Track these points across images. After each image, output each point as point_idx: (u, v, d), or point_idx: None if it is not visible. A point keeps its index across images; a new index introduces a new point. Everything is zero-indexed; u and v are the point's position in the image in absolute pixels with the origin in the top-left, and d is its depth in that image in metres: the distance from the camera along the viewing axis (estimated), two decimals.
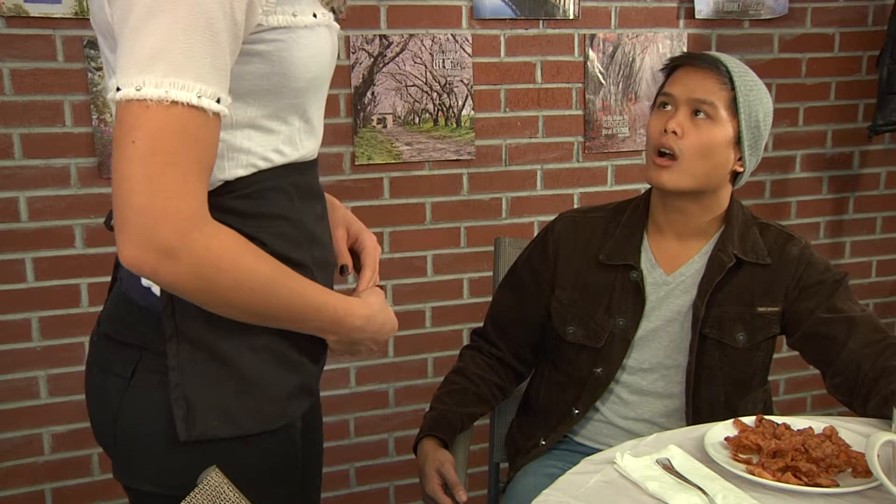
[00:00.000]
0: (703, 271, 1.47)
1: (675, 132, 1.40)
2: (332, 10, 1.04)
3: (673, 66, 1.49)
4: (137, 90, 0.80)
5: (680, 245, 1.50)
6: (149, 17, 0.80)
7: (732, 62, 1.43)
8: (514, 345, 1.61)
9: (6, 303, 2.03)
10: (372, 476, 2.45)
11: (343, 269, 1.17)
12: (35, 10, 1.92)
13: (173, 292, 0.88)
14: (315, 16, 0.94)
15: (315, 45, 0.94)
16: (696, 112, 1.41)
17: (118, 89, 0.81)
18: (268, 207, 0.96)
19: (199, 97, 0.82)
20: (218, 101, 0.84)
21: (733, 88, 1.41)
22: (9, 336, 2.05)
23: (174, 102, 0.80)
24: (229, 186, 0.93)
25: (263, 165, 0.95)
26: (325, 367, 1.06)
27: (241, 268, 0.88)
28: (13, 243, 2.01)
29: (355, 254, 1.20)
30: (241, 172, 0.94)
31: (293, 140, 0.98)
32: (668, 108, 1.44)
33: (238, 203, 0.93)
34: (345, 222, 1.20)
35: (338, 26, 1.04)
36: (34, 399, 2.09)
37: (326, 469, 2.46)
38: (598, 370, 1.50)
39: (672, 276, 1.49)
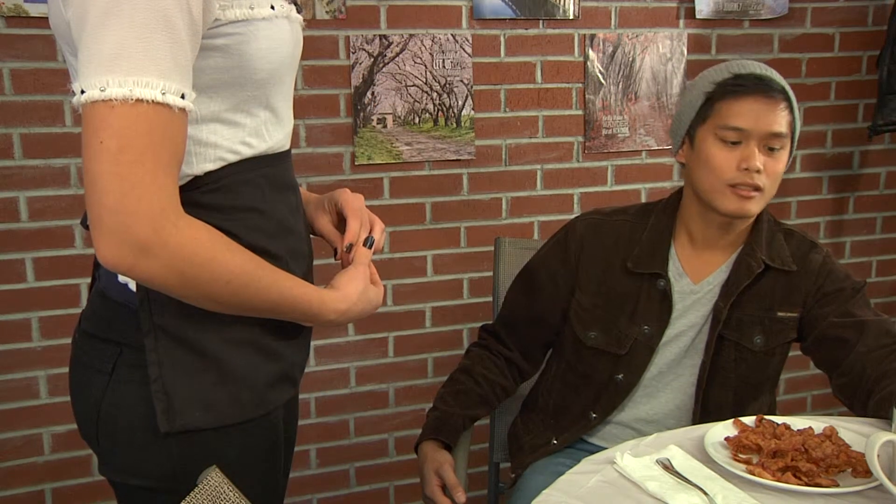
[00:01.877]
0: (729, 275, 1.46)
1: (758, 171, 1.37)
2: (294, 2, 1.04)
3: (738, 92, 1.39)
4: (101, 91, 0.81)
5: (709, 254, 1.49)
6: (106, 19, 0.81)
7: (782, 79, 1.41)
8: (524, 344, 1.60)
9: (6, 303, 2.03)
10: (372, 476, 2.45)
11: (349, 248, 1.15)
12: (35, 10, 1.92)
13: (151, 287, 0.89)
14: (273, 7, 0.95)
15: (274, 36, 0.95)
16: (770, 145, 1.39)
17: (82, 92, 0.82)
18: (239, 200, 0.97)
19: (164, 94, 0.83)
20: (182, 96, 0.85)
21: (792, 111, 1.40)
22: (9, 336, 2.05)
23: (139, 100, 0.81)
24: (198, 181, 0.94)
25: (232, 158, 0.96)
26: (325, 368, 1.06)
27: (216, 261, 0.89)
28: (13, 243, 2.01)
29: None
30: (210, 167, 0.95)
31: (260, 132, 0.99)
32: (739, 143, 1.39)
33: (208, 197, 0.94)
34: (321, 206, 1.19)
35: (299, 17, 1.05)
36: (34, 399, 2.09)
37: (326, 469, 2.47)
38: (620, 376, 1.49)
39: (699, 285, 1.48)
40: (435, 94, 2.27)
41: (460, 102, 2.30)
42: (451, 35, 2.26)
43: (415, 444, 1.51)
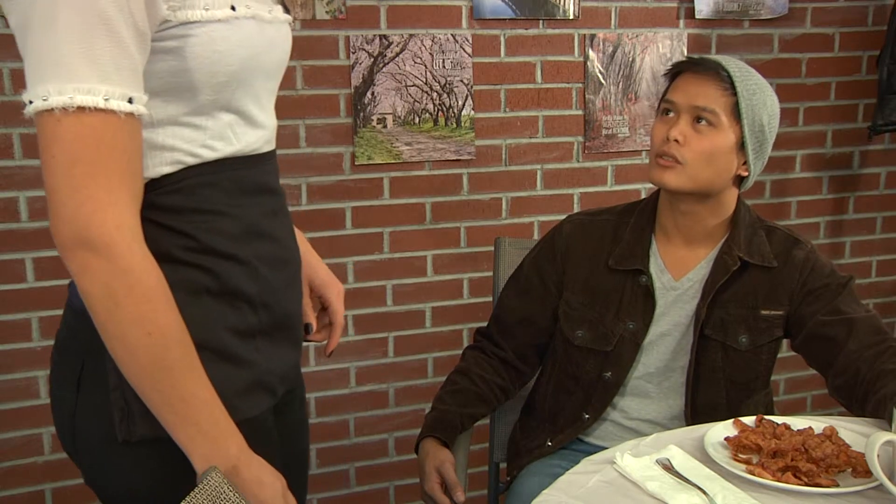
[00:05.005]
0: (708, 274, 1.47)
1: (677, 140, 1.40)
2: (281, 1, 1.03)
3: (675, 72, 1.48)
4: (44, 101, 0.81)
5: (688, 250, 1.50)
6: (44, 26, 0.80)
7: (735, 66, 1.42)
8: (517, 345, 1.60)
9: (6, 303, 2.03)
10: (372, 476, 2.45)
11: (308, 329, 1.17)
12: None
13: (84, 301, 0.86)
14: (234, 8, 0.91)
15: (234, 38, 0.92)
16: (697, 119, 1.40)
17: (30, 102, 0.82)
18: (199, 203, 0.94)
19: (107, 100, 0.81)
20: (130, 101, 0.83)
21: (735, 94, 1.40)
22: (9, 336, 2.05)
23: (81, 108, 0.80)
24: (156, 183, 0.92)
25: (191, 161, 0.93)
26: (325, 368, 1.05)
27: (151, 304, 0.85)
28: (13, 243, 2.01)
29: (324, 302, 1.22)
30: (167, 170, 0.92)
31: (224, 135, 0.96)
32: (671, 114, 1.44)
33: (166, 199, 0.92)
34: (308, 277, 1.19)
35: (283, 17, 1.02)
36: (34, 399, 2.09)
37: (326, 469, 2.47)
38: (608, 374, 1.50)
39: (680, 282, 1.49)
40: (435, 94, 2.27)
41: (460, 102, 2.30)
42: (451, 35, 2.26)
43: (414, 444, 1.51)
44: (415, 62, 2.24)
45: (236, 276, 0.96)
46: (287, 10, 1.05)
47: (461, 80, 2.29)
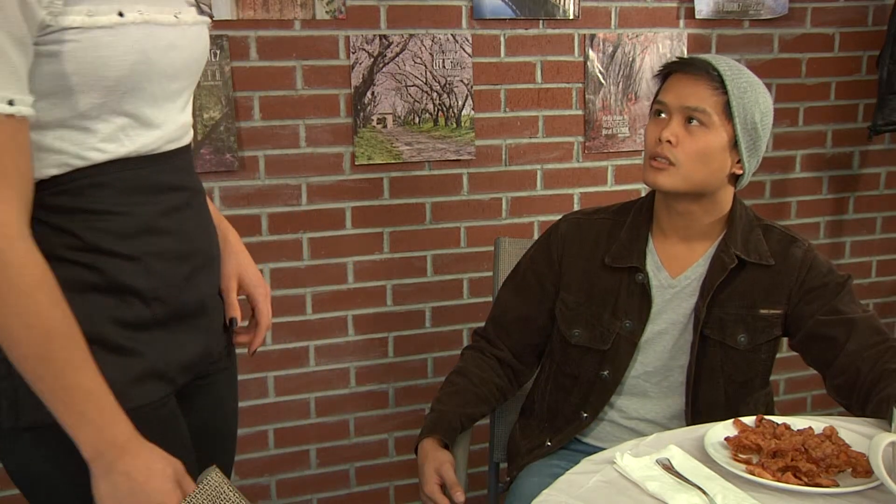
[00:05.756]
0: (706, 273, 1.47)
1: (669, 141, 1.40)
2: (197, 3, 1.04)
3: (666, 73, 1.48)
4: None
5: (685, 248, 1.50)
6: None
7: (725, 64, 1.41)
8: (515, 345, 1.61)
9: None
10: (372, 476, 2.45)
11: (233, 322, 1.21)
12: None
13: None
14: (122, 14, 0.92)
15: (121, 44, 0.93)
16: (689, 119, 1.40)
17: None
18: (87, 203, 0.96)
19: None
20: (11, 103, 0.85)
21: (726, 92, 1.39)
22: None
23: None
24: (45, 184, 0.94)
25: (80, 164, 0.95)
26: (325, 368, 1.05)
27: (32, 298, 0.88)
28: None
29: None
30: (55, 171, 0.94)
31: (117, 137, 0.98)
32: (663, 115, 1.44)
33: (53, 199, 0.95)
34: (237, 273, 1.23)
35: (195, 18, 1.04)
36: None
37: (326, 469, 2.47)
38: (605, 373, 1.50)
39: (677, 280, 1.49)
40: (435, 94, 2.27)
41: (460, 102, 2.30)
42: (451, 35, 2.26)
43: (414, 445, 1.51)
44: (415, 62, 2.24)
45: (125, 272, 0.99)
46: (202, 12, 1.06)
47: (461, 80, 2.29)
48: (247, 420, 2.27)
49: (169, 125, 1.04)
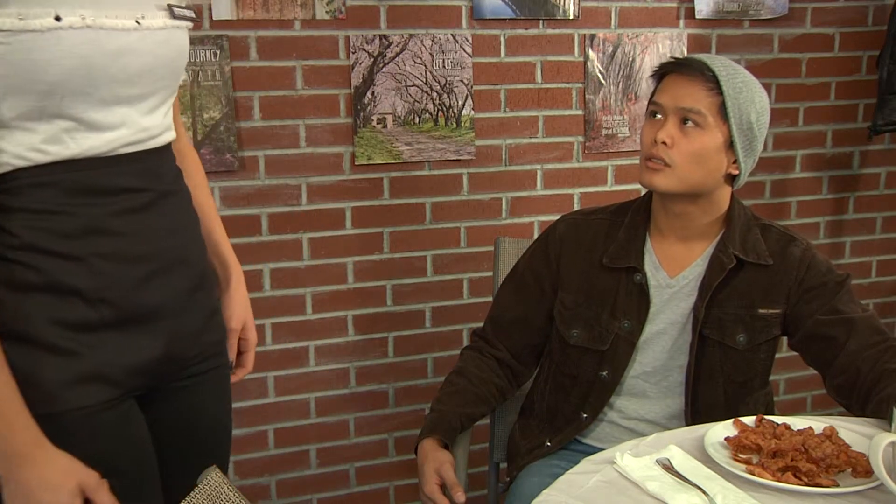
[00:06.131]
0: (704, 273, 1.47)
1: (664, 142, 1.40)
2: (169, 7, 1.03)
3: (661, 73, 1.47)
4: None
5: (683, 247, 1.50)
6: None
7: (720, 64, 1.41)
8: (514, 346, 1.61)
9: None
10: (372, 476, 2.45)
11: (229, 366, 1.26)
12: None
13: None
14: (59, 19, 0.91)
15: (56, 48, 0.92)
16: (684, 120, 1.40)
17: None
18: (27, 203, 0.96)
19: None
20: None
21: (721, 93, 1.39)
22: None
23: None
24: None
25: (20, 164, 0.95)
26: (325, 368, 1.05)
27: None
28: None
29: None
30: None
31: (59, 138, 0.97)
32: (658, 116, 1.43)
33: None
34: (245, 319, 1.29)
35: (162, 23, 1.03)
36: None
37: (326, 469, 2.47)
38: (604, 373, 1.50)
39: (675, 279, 1.49)
40: (435, 94, 2.27)
41: (460, 102, 2.30)
42: (451, 35, 2.26)
43: (414, 445, 1.51)
44: (415, 62, 2.24)
45: (67, 272, 0.99)
46: (177, 16, 1.05)
47: (461, 80, 2.29)
48: (247, 420, 2.27)
49: (125, 129, 1.03)
